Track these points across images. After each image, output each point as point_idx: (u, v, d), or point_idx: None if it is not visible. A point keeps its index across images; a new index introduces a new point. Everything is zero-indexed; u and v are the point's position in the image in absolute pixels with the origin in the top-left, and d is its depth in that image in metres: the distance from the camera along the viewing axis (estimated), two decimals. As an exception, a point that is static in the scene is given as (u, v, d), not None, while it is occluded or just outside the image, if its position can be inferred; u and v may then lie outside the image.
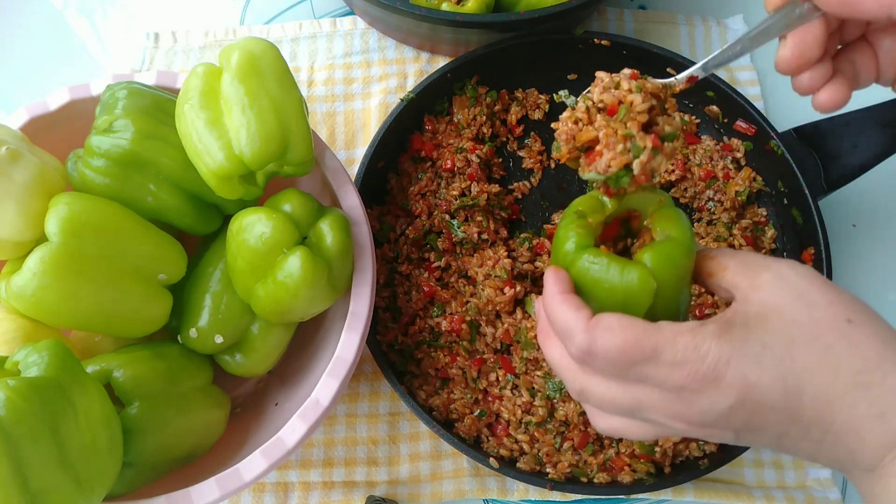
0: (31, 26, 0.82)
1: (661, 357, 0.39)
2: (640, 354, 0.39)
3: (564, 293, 0.43)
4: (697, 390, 0.39)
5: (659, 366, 0.39)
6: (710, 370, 0.38)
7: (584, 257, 0.42)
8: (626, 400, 0.42)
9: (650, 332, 0.39)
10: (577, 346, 0.41)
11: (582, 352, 0.41)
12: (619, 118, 0.42)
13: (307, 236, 0.51)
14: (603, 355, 0.40)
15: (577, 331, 0.41)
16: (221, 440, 0.56)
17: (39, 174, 0.50)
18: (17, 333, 0.50)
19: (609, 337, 0.40)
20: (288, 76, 0.51)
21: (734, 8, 0.82)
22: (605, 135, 0.42)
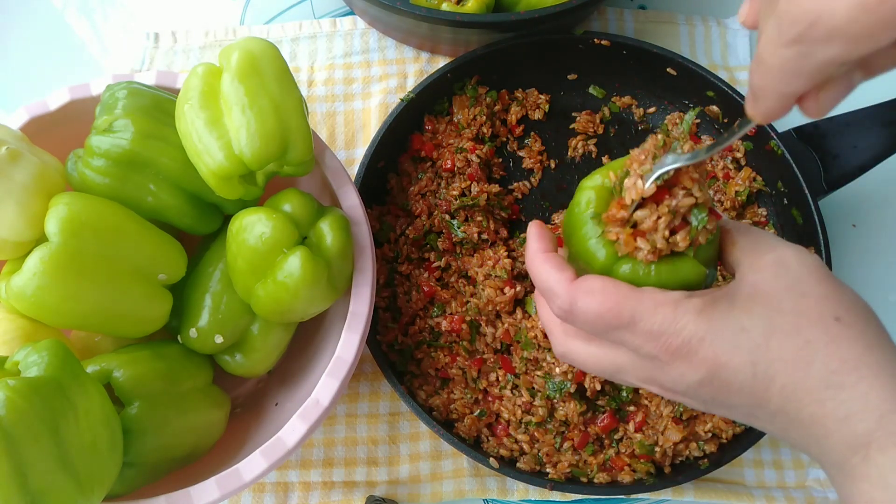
0: (31, 26, 0.82)
1: (638, 326, 0.39)
2: (618, 320, 0.40)
3: (546, 251, 0.44)
4: (668, 361, 0.40)
5: (635, 333, 0.40)
6: (683, 344, 0.39)
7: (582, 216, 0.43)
8: (606, 363, 0.43)
9: (630, 299, 0.39)
10: (558, 306, 0.42)
11: (563, 311, 0.42)
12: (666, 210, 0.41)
13: (307, 236, 0.51)
14: (582, 318, 0.41)
15: (558, 291, 0.42)
16: (221, 440, 0.56)
17: (39, 174, 0.50)
18: (17, 333, 0.50)
19: (589, 300, 0.40)
20: (288, 76, 0.51)
21: (734, 8, 0.82)
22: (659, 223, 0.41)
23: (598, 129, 0.75)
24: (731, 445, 0.61)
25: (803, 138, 0.67)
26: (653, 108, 0.75)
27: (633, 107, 0.75)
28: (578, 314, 0.41)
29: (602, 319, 0.40)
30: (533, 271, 0.44)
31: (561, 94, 0.76)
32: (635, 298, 0.39)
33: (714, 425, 0.62)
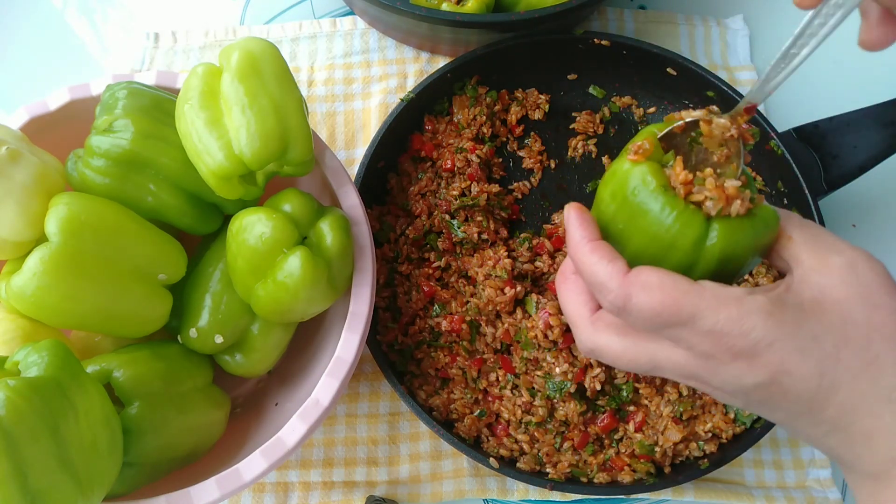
0: (31, 26, 0.82)
1: (699, 323, 0.37)
2: (677, 318, 0.37)
3: (594, 240, 0.41)
4: (726, 362, 0.37)
5: (694, 331, 0.37)
6: (749, 347, 0.36)
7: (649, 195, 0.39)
8: (644, 358, 0.41)
9: (691, 295, 0.37)
10: (610, 301, 0.39)
11: (616, 307, 0.39)
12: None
13: (307, 236, 0.51)
14: (637, 314, 0.38)
15: (611, 285, 0.39)
16: (221, 440, 0.56)
17: (39, 174, 0.50)
18: (17, 333, 0.50)
19: (646, 297, 0.37)
20: (288, 76, 0.51)
21: (734, 8, 0.82)
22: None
23: (598, 129, 0.75)
24: (731, 445, 0.61)
25: (803, 138, 0.67)
26: (653, 108, 0.75)
27: (633, 107, 0.75)
28: (633, 310, 0.38)
29: (660, 316, 0.37)
30: (580, 262, 0.41)
31: (561, 94, 0.76)
32: (696, 293, 0.37)
33: (714, 425, 0.62)
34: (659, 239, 0.39)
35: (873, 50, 0.43)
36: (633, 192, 0.40)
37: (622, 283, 0.38)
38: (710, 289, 0.37)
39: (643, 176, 0.40)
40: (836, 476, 0.66)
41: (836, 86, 0.79)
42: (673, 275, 0.38)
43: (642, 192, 0.40)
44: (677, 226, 0.39)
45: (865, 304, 0.37)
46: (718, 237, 0.39)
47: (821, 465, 0.66)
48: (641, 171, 0.40)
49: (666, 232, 0.39)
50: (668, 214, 0.39)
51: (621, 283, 0.38)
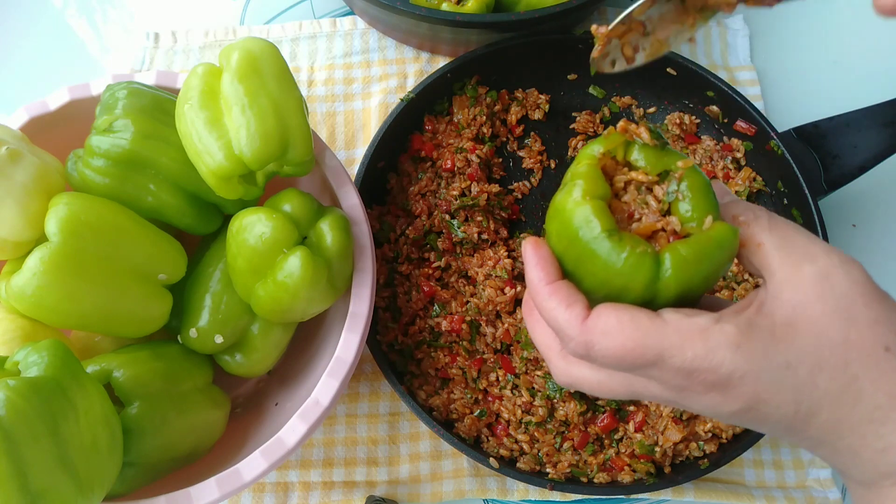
0: (31, 26, 0.82)
1: (666, 363, 0.36)
2: (643, 360, 0.36)
3: (551, 282, 0.39)
4: (702, 392, 0.36)
5: (663, 370, 0.36)
6: (721, 380, 0.35)
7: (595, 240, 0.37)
8: (621, 389, 0.40)
9: (653, 336, 0.35)
10: (572, 349, 0.38)
11: (580, 355, 0.38)
12: None
13: (307, 236, 0.51)
14: (602, 360, 0.37)
15: (571, 333, 0.37)
16: (221, 440, 0.56)
17: (39, 174, 0.50)
18: (17, 333, 0.50)
19: (608, 343, 0.36)
20: (288, 76, 0.51)
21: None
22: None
23: (598, 129, 0.75)
24: (731, 445, 0.61)
25: (803, 138, 0.67)
26: (653, 108, 0.75)
27: (633, 107, 0.75)
28: (597, 357, 0.37)
29: (624, 361, 0.36)
30: (539, 306, 0.39)
31: (561, 94, 0.76)
32: (658, 332, 0.35)
33: (714, 425, 0.62)
34: (611, 282, 0.38)
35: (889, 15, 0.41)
36: (578, 235, 0.38)
37: (582, 330, 0.37)
38: (672, 323, 0.36)
39: (587, 219, 0.38)
40: (836, 476, 0.66)
41: (836, 86, 0.79)
42: (633, 312, 0.36)
43: (588, 235, 0.38)
44: (628, 268, 0.37)
45: (841, 320, 0.35)
46: (672, 270, 0.37)
47: (821, 465, 0.66)
48: (585, 212, 0.38)
49: (617, 276, 0.37)
50: (616, 258, 0.37)
51: (582, 331, 0.37)
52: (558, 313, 0.38)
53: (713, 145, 0.72)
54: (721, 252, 0.37)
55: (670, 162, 0.39)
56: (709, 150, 0.72)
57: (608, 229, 0.37)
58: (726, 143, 0.72)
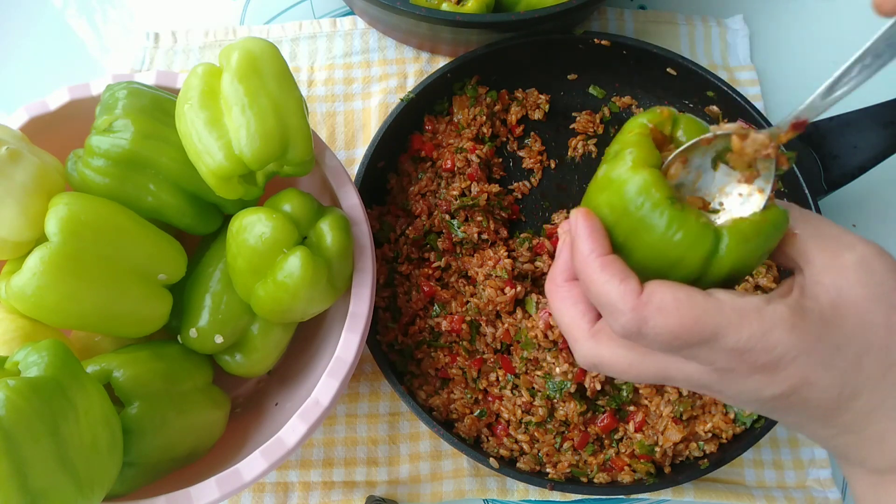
0: (31, 26, 0.82)
1: (721, 341, 0.35)
2: (698, 338, 0.35)
3: (604, 255, 0.37)
4: (747, 374, 0.36)
5: (715, 349, 0.35)
6: (772, 360, 0.35)
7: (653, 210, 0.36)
8: (652, 371, 0.39)
9: (711, 314, 0.35)
10: (622, 324, 0.36)
11: (629, 332, 0.36)
12: None
13: (307, 236, 0.51)
14: (654, 338, 0.36)
15: (623, 307, 0.36)
16: (221, 440, 0.56)
17: (39, 174, 0.50)
18: (17, 333, 0.50)
19: (663, 320, 0.35)
20: (288, 76, 0.51)
21: (734, 8, 0.82)
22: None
23: (598, 129, 0.75)
24: (731, 445, 0.61)
25: (803, 138, 0.67)
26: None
27: (633, 107, 0.75)
28: (649, 334, 0.36)
29: (679, 339, 0.35)
30: (588, 279, 0.38)
31: (561, 94, 0.76)
32: (715, 310, 0.35)
33: (714, 425, 0.62)
34: (665, 255, 0.37)
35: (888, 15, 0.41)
36: (634, 206, 0.37)
37: (636, 305, 0.36)
38: (727, 302, 0.35)
39: (646, 188, 0.36)
40: (836, 476, 0.66)
41: (836, 86, 0.79)
42: (688, 290, 0.36)
43: (645, 206, 0.36)
44: (686, 242, 0.36)
45: (883, 305, 0.35)
46: (728, 249, 0.36)
47: (820, 466, 0.66)
48: (642, 181, 0.37)
49: (674, 248, 0.36)
50: (675, 231, 0.36)
51: (635, 306, 0.36)
52: (611, 287, 0.36)
53: (713, 145, 0.72)
54: (775, 233, 0.37)
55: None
56: (709, 150, 0.72)
57: (669, 197, 0.36)
58: (726, 143, 0.72)
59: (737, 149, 0.39)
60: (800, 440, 0.67)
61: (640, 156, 0.38)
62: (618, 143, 0.40)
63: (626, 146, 0.38)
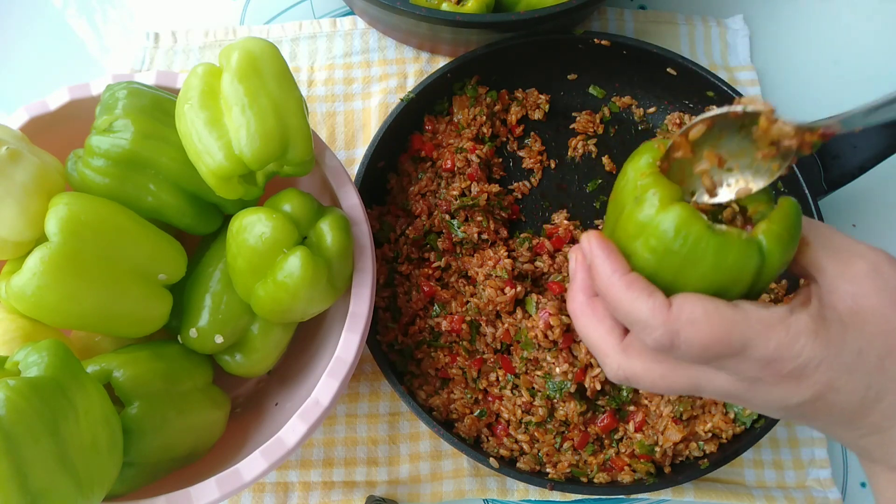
0: (31, 26, 0.82)
1: (750, 353, 0.36)
2: (728, 349, 0.36)
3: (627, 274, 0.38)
4: (774, 384, 0.37)
5: (743, 360, 0.37)
6: (798, 369, 0.36)
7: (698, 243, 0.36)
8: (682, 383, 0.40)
9: (739, 325, 0.36)
10: (655, 339, 0.37)
11: (662, 346, 0.37)
12: None
13: (307, 236, 0.51)
14: (686, 351, 0.37)
15: (654, 323, 0.37)
16: (221, 440, 0.56)
17: (39, 174, 0.50)
18: (17, 333, 0.50)
19: (694, 333, 0.36)
20: (288, 76, 0.51)
21: (734, 8, 0.82)
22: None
23: (598, 129, 0.75)
24: (731, 445, 0.61)
25: (803, 138, 0.67)
26: (653, 108, 0.75)
27: (633, 107, 0.75)
28: (682, 347, 0.37)
29: (709, 350, 0.36)
30: (615, 300, 0.38)
31: (561, 94, 0.76)
32: (743, 322, 0.36)
33: (714, 425, 0.62)
34: (720, 281, 0.38)
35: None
36: (677, 244, 0.37)
37: (667, 320, 0.37)
38: (753, 314, 0.36)
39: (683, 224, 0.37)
40: (836, 476, 0.66)
41: (836, 86, 0.79)
42: (715, 302, 0.37)
43: (689, 241, 0.37)
44: (738, 263, 0.37)
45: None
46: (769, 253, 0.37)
47: (821, 466, 0.66)
48: (677, 218, 0.37)
49: (727, 272, 0.37)
50: (725, 256, 0.37)
51: (666, 321, 0.37)
52: (640, 304, 0.37)
53: (713, 145, 0.72)
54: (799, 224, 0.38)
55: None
56: (709, 150, 0.72)
57: (707, 227, 0.37)
58: (726, 143, 0.72)
59: (763, 128, 0.39)
60: (800, 440, 0.67)
61: (664, 193, 0.38)
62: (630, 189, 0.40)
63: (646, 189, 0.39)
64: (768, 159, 0.40)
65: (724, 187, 0.40)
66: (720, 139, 0.40)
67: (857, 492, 0.66)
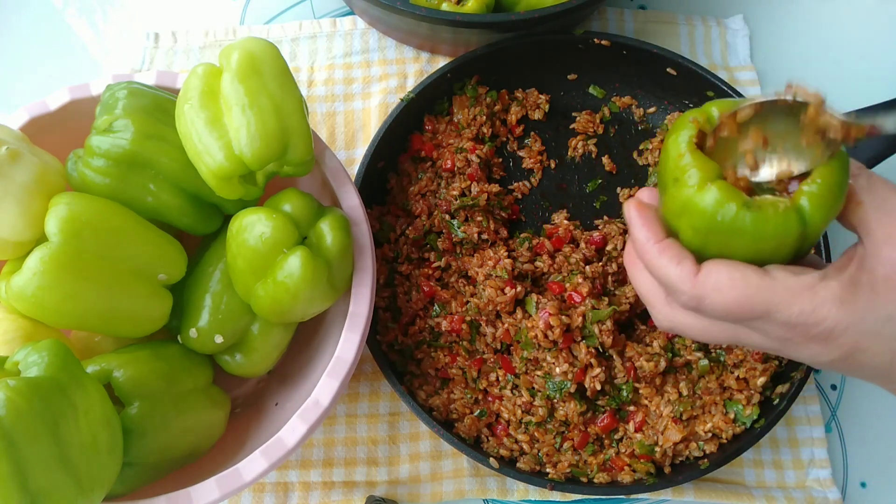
0: (32, 26, 0.82)
1: (773, 317, 0.38)
2: (751, 313, 0.39)
3: (660, 241, 0.41)
4: (802, 343, 0.39)
5: (769, 323, 0.39)
6: (824, 332, 0.38)
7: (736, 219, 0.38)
8: (723, 337, 0.42)
9: (763, 292, 0.38)
10: (683, 302, 0.40)
11: (690, 308, 0.41)
12: None
13: (307, 236, 0.51)
14: (711, 313, 0.40)
15: (683, 287, 0.40)
16: (221, 440, 0.56)
17: (39, 174, 0.50)
18: (17, 333, 0.50)
19: (719, 298, 0.39)
20: (288, 76, 0.51)
21: (734, 8, 0.82)
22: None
23: (598, 129, 0.75)
24: (731, 445, 0.61)
25: (803, 138, 0.67)
26: (653, 108, 0.75)
27: (633, 107, 0.75)
28: (707, 310, 0.40)
29: (733, 314, 0.39)
30: (648, 264, 0.42)
31: (561, 94, 0.76)
32: (768, 289, 0.38)
33: (714, 425, 0.62)
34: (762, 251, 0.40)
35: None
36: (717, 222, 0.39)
37: (693, 285, 0.39)
38: (781, 280, 0.38)
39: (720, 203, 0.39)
40: (835, 476, 0.66)
41: (836, 86, 0.79)
42: (743, 269, 0.39)
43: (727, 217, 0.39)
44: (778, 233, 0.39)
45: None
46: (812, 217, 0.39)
47: (821, 466, 0.66)
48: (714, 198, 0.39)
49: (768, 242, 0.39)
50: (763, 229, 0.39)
51: (693, 285, 0.39)
52: (670, 269, 0.40)
53: (713, 145, 0.72)
54: (846, 182, 0.39)
55: None
56: (709, 150, 0.72)
57: (744, 203, 0.39)
58: (726, 143, 0.72)
59: (810, 118, 0.40)
60: (800, 440, 0.67)
61: (702, 173, 0.40)
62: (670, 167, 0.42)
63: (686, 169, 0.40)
64: (812, 146, 0.41)
65: (765, 165, 0.42)
66: (767, 121, 0.42)
67: (857, 492, 0.66)
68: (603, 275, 0.67)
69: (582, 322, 0.63)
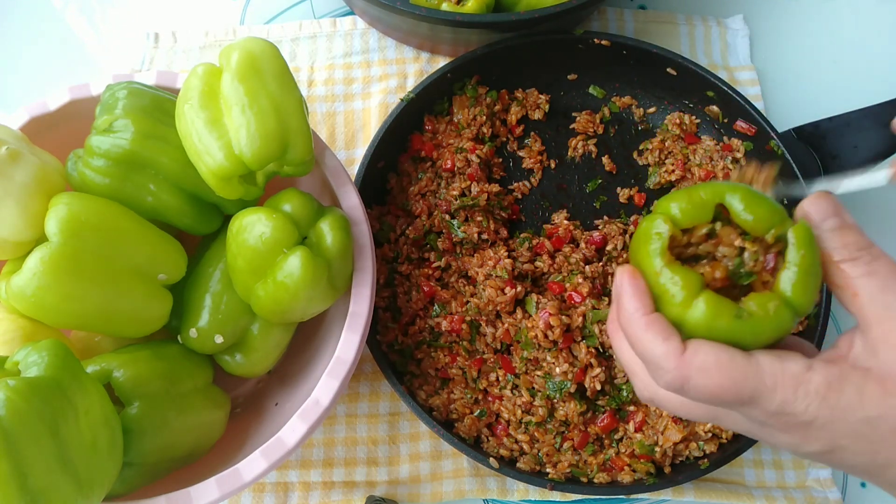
0: (32, 26, 0.82)
1: (757, 403, 0.37)
2: (736, 399, 0.37)
3: (648, 315, 0.39)
4: (783, 431, 0.38)
5: (752, 409, 0.38)
6: (802, 424, 0.37)
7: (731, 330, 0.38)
8: (703, 416, 0.42)
9: (749, 377, 0.37)
10: (666, 382, 0.38)
11: (673, 388, 0.38)
12: None
13: (307, 236, 0.51)
14: (695, 396, 0.38)
15: (667, 366, 0.38)
16: (221, 440, 0.56)
17: (39, 174, 0.50)
18: (17, 333, 0.50)
19: (704, 380, 0.37)
20: (288, 76, 0.51)
21: (734, 8, 0.82)
22: None
23: (598, 129, 0.75)
24: (731, 445, 0.61)
25: (803, 138, 0.67)
26: (653, 108, 0.75)
27: (633, 107, 0.75)
28: (691, 392, 0.38)
29: (718, 398, 0.37)
30: (633, 337, 0.40)
31: (561, 94, 0.76)
32: (754, 375, 0.37)
33: (714, 425, 0.62)
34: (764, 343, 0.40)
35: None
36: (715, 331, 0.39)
37: (679, 364, 0.38)
38: (766, 367, 0.37)
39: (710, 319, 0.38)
40: (836, 476, 0.66)
41: (836, 86, 0.79)
42: (730, 352, 0.37)
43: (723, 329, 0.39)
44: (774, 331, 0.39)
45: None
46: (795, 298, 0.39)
47: (820, 466, 0.66)
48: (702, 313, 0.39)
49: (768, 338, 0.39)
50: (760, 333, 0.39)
51: (678, 365, 0.38)
52: (655, 346, 0.38)
53: (713, 145, 0.72)
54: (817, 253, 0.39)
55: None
56: (709, 150, 0.72)
57: (735, 314, 0.38)
58: (726, 143, 0.72)
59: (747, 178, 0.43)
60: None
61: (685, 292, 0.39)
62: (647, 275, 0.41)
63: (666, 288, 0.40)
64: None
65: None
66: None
67: (857, 492, 0.66)
68: (603, 275, 0.67)
69: (582, 322, 0.63)
